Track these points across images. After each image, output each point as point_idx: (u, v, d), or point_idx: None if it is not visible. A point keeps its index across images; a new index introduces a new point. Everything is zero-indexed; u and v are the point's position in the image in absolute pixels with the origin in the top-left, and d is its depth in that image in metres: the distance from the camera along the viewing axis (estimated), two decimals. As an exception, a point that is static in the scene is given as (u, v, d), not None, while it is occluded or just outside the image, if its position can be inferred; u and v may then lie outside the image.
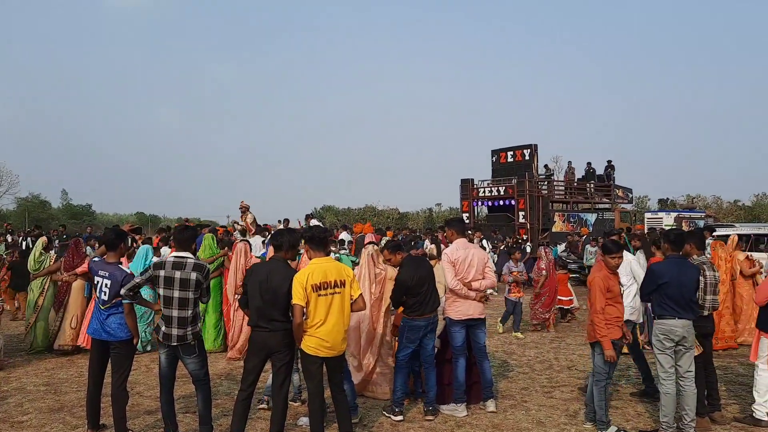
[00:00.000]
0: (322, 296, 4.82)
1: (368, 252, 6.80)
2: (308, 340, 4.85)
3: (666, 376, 5.48)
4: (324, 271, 4.89)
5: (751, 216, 50.20)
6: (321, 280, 4.84)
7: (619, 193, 29.56)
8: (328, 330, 4.84)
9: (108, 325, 5.39)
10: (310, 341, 4.84)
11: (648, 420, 5.98)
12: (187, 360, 5.22)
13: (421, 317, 5.95)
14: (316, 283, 4.81)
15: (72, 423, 5.86)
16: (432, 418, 5.95)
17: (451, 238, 6.53)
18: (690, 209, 30.23)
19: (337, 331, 4.89)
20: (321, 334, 4.82)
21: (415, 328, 5.99)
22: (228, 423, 5.20)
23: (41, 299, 9.04)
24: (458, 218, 7.41)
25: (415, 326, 5.98)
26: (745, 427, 5.76)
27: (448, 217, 11.61)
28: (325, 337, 4.83)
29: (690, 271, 5.56)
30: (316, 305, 4.81)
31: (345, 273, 5.02)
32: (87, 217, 63.93)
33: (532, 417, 6.07)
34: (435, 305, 6.07)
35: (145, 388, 7.06)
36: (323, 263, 4.97)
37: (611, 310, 5.50)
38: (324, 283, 4.85)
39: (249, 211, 15.23)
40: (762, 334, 5.89)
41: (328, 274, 4.90)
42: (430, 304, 5.99)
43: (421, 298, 5.95)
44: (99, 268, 5.51)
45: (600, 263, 5.68)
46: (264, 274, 4.98)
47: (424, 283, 5.98)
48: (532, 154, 28.09)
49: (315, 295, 4.80)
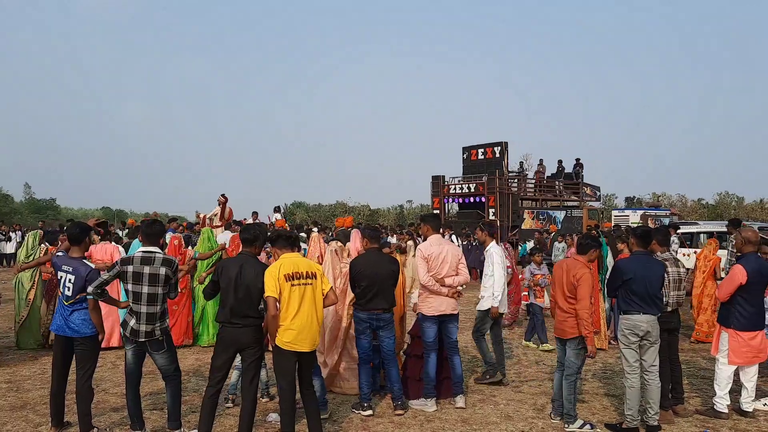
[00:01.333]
0: (295, 286, 4.82)
1: (332, 248, 6.82)
2: (283, 334, 4.81)
3: (631, 371, 5.58)
4: (294, 263, 4.91)
5: (714, 214, 51.32)
6: (293, 271, 4.85)
7: (587, 191, 29.97)
8: (302, 322, 4.82)
9: (72, 321, 5.29)
10: (285, 336, 4.81)
11: (613, 413, 6.09)
12: (156, 355, 5.16)
13: (363, 310, 5.97)
14: (288, 273, 4.81)
15: (35, 421, 5.74)
16: (402, 413, 5.97)
17: (426, 233, 6.55)
18: (656, 207, 30.81)
19: (311, 323, 4.87)
20: (296, 326, 4.80)
21: (357, 319, 6.02)
22: (196, 419, 5.15)
23: (32, 292, 8.83)
24: (433, 214, 7.50)
25: (358, 318, 6.01)
26: (707, 419, 5.90)
27: (422, 214, 11.62)
28: (299, 329, 4.81)
29: (655, 267, 5.66)
30: (290, 296, 4.80)
31: (315, 267, 5.05)
32: (51, 212, 62.44)
33: (500, 411, 6.14)
34: (380, 304, 5.97)
35: (111, 385, 6.94)
36: (293, 257, 4.99)
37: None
38: (295, 273, 4.85)
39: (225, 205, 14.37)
40: (722, 329, 6.04)
41: (299, 266, 4.91)
42: (373, 300, 5.94)
43: (365, 291, 5.94)
44: (62, 263, 5.38)
45: (577, 260, 5.73)
46: (236, 271, 4.94)
47: (366, 278, 5.93)
48: (503, 152, 28.33)
49: (288, 285, 4.79)
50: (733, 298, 5.88)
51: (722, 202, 56.64)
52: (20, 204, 62.83)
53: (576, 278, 5.54)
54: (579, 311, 5.47)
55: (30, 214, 53.18)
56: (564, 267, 5.78)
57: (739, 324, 5.86)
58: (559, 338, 5.81)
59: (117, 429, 5.51)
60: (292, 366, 4.92)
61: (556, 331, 5.81)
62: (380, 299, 5.98)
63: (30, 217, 43.08)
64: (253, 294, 4.87)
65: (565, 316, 5.67)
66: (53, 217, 54.55)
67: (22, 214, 54.32)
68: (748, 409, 5.98)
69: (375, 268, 5.98)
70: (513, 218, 26.80)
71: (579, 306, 5.48)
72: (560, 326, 5.74)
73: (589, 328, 5.43)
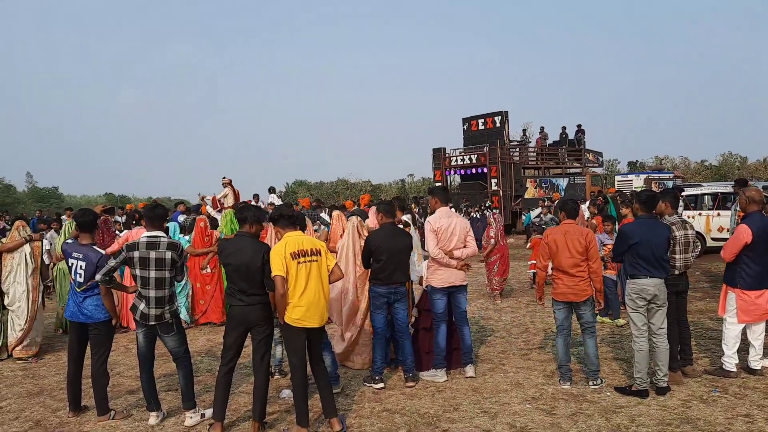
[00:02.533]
0: (301, 264, 4.86)
1: (353, 224, 6.81)
2: (292, 311, 4.86)
3: (639, 334, 5.63)
4: (298, 241, 4.95)
5: (718, 175, 51.19)
6: (298, 249, 4.88)
7: (589, 157, 29.83)
8: (310, 298, 4.87)
9: (85, 308, 5.35)
10: (294, 313, 4.86)
11: (622, 377, 6.16)
12: (166, 338, 5.23)
13: (382, 285, 6.01)
14: (294, 251, 4.85)
15: (53, 406, 5.83)
16: (413, 385, 6.04)
17: (434, 206, 6.55)
18: (659, 170, 30.71)
19: (318, 299, 4.93)
20: (304, 303, 4.85)
21: (376, 294, 6.05)
22: (210, 398, 5.23)
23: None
24: (442, 187, 7.47)
25: (376, 293, 6.04)
26: (715, 378, 5.96)
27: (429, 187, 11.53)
28: (307, 305, 4.86)
29: (660, 231, 5.67)
30: (297, 273, 4.84)
31: (318, 244, 5.10)
32: (54, 200, 62.57)
33: (510, 379, 6.20)
34: (399, 278, 6.06)
35: (126, 368, 7.03)
36: (296, 236, 5.02)
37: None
38: (300, 251, 4.89)
39: (231, 185, 14.31)
40: (729, 289, 6.06)
41: (303, 243, 4.95)
42: (391, 274, 5.99)
43: (382, 266, 5.97)
44: (73, 250, 5.43)
45: (573, 223, 5.92)
46: (233, 251, 4.99)
47: (386, 252, 5.96)
48: (503, 121, 28.13)
49: (294, 263, 4.83)
50: (738, 257, 5.89)
51: (726, 162, 56.44)
52: (23, 194, 62.94)
53: (587, 239, 5.76)
54: (597, 269, 5.80)
55: (33, 204, 53.19)
56: (562, 232, 5.87)
57: (745, 283, 5.88)
58: (567, 303, 5.86)
59: (134, 411, 5.60)
60: (302, 342, 4.97)
61: (564, 296, 5.84)
62: (399, 272, 6.04)
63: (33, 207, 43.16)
64: (253, 273, 4.91)
65: (576, 281, 5.75)
66: (56, 205, 54.55)
67: (26, 204, 54.41)
68: (757, 367, 6.03)
69: (392, 242, 6.02)
70: (516, 187, 26.74)
71: (596, 264, 5.80)
72: (571, 291, 5.80)
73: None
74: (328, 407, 5.04)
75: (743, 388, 5.69)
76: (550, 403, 5.49)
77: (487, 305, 10.25)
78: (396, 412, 5.39)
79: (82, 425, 5.32)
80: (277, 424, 5.20)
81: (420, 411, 5.40)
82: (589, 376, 5.96)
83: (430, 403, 5.59)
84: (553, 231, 6.01)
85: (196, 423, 5.21)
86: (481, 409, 5.40)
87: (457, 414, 5.31)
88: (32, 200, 57.87)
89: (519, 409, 5.37)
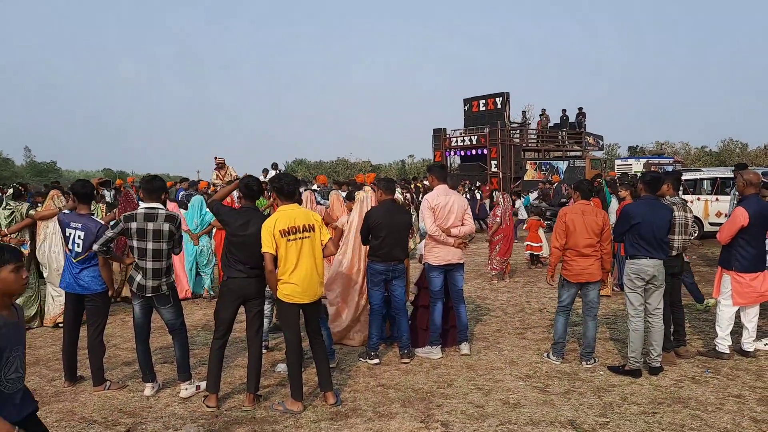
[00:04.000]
0: (291, 241, 4.79)
1: (360, 198, 6.76)
2: (283, 287, 4.85)
3: (635, 314, 5.65)
4: (291, 217, 4.85)
5: (718, 161, 51.03)
6: (288, 226, 4.80)
7: (590, 140, 29.77)
8: (302, 276, 4.83)
9: (81, 279, 5.36)
10: (285, 289, 4.85)
11: (616, 357, 6.19)
12: (162, 310, 5.24)
13: (380, 262, 6.00)
14: (284, 228, 4.78)
15: (49, 376, 5.86)
16: (408, 361, 6.08)
17: (432, 184, 6.53)
18: (659, 155, 30.68)
19: (311, 276, 4.88)
20: (295, 280, 4.82)
21: (374, 271, 6.05)
22: (206, 372, 5.25)
23: None
24: (440, 164, 7.42)
25: (374, 269, 6.04)
26: (708, 360, 5.99)
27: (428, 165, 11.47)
28: (299, 282, 4.83)
29: (662, 212, 5.67)
30: (287, 251, 4.79)
31: (313, 218, 4.99)
32: (52, 174, 62.34)
33: (504, 357, 6.24)
34: (398, 255, 6.06)
35: (122, 340, 7.06)
36: (290, 210, 4.90)
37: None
38: (292, 228, 4.81)
39: (226, 165, 14.24)
40: (724, 271, 6.08)
41: (296, 219, 4.85)
42: (388, 252, 5.98)
43: (380, 243, 5.96)
44: (70, 220, 5.43)
45: (589, 204, 5.98)
46: (242, 223, 4.97)
47: (385, 228, 5.94)
48: (504, 103, 28.05)
49: (284, 240, 4.77)
50: (734, 240, 5.89)
51: (726, 149, 56.28)
52: (21, 167, 62.79)
53: (603, 220, 5.84)
54: (609, 250, 5.89)
55: (31, 178, 53.01)
56: (579, 212, 5.83)
57: (741, 266, 5.89)
58: (576, 283, 5.87)
59: (129, 382, 5.63)
60: (295, 317, 4.98)
61: (578, 277, 5.83)
62: (398, 249, 6.04)
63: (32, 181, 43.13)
64: (254, 246, 4.89)
65: (591, 261, 5.79)
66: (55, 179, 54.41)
67: (24, 178, 54.24)
68: (749, 350, 6.07)
69: (391, 218, 6.00)
70: (515, 170, 26.71)
71: (609, 246, 5.87)
72: (585, 272, 5.80)
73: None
74: (324, 380, 5.07)
75: (735, 370, 5.72)
76: (543, 381, 5.52)
77: (483, 285, 10.27)
78: (390, 387, 5.42)
79: (78, 395, 5.35)
80: (272, 396, 5.23)
81: (414, 386, 5.43)
82: (583, 357, 5.99)
83: (424, 379, 5.62)
84: (571, 210, 5.94)
85: (191, 394, 5.24)
86: (475, 386, 5.43)
87: (451, 390, 5.34)
88: (30, 174, 57.67)
89: (512, 386, 5.40)
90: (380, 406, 5.01)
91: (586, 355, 5.95)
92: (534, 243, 11.99)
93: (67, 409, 5.05)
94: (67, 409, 5.04)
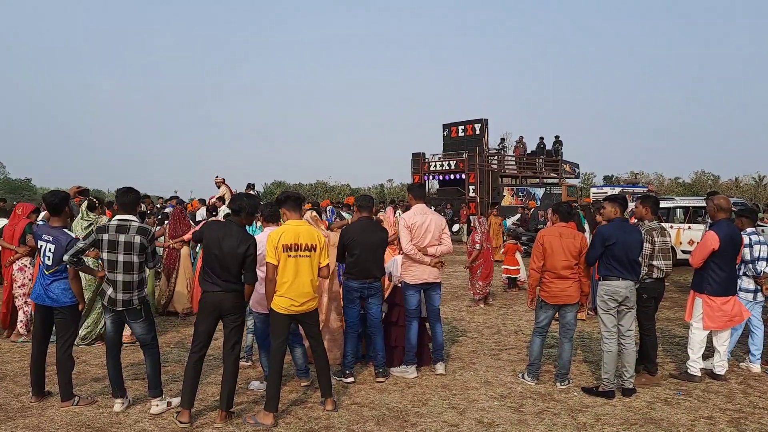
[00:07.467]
0: (291, 257, 4.96)
1: (306, 216, 6.74)
2: (278, 300, 4.98)
3: (609, 335, 5.70)
4: (296, 233, 5.02)
5: (691, 192, 52.06)
6: (292, 242, 4.98)
7: (566, 168, 30.14)
8: (297, 291, 4.99)
9: (51, 291, 5.27)
10: (280, 301, 4.99)
11: (590, 378, 6.23)
12: (134, 324, 5.16)
13: (356, 279, 6.00)
14: (287, 243, 4.96)
15: (15, 391, 5.71)
16: (383, 380, 6.04)
17: (410, 203, 6.56)
18: (633, 184, 31.19)
19: (305, 291, 5.04)
20: (291, 294, 4.97)
21: (349, 288, 6.05)
22: (178, 388, 5.17)
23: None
24: (418, 184, 7.46)
25: (349, 287, 6.04)
26: (680, 382, 6.05)
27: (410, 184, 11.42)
28: (294, 296, 4.99)
29: (634, 234, 5.76)
30: (285, 265, 4.96)
31: (317, 239, 5.12)
32: (26, 192, 61.52)
33: (480, 377, 6.23)
34: (372, 273, 6.04)
35: (92, 356, 6.91)
36: (297, 226, 5.09)
37: None
38: (294, 245, 4.98)
39: (224, 184, 14.66)
40: (696, 295, 6.17)
41: (300, 237, 5.01)
42: (363, 270, 5.98)
43: (355, 260, 5.97)
44: (43, 232, 5.35)
45: (568, 227, 6.00)
46: (220, 236, 4.96)
47: (359, 246, 5.95)
48: (483, 129, 28.32)
49: (285, 255, 4.94)
50: (706, 264, 6.00)
51: (698, 180, 57.53)
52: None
53: (581, 242, 5.85)
54: (589, 273, 5.89)
55: (5, 195, 52.19)
56: (557, 234, 5.87)
57: (712, 289, 5.98)
58: (554, 305, 5.89)
59: (99, 397, 5.50)
60: (285, 327, 5.07)
61: (556, 299, 5.85)
62: (374, 267, 6.04)
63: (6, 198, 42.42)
64: (232, 262, 4.88)
65: (569, 283, 5.81)
66: (29, 197, 53.62)
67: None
68: (721, 373, 6.14)
69: (367, 236, 6.01)
70: (493, 195, 26.90)
71: (588, 269, 5.87)
72: (563, 294, 5.82)
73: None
74: (325, 387, 5.21)
75: (707, 392, 5.79)
76: (518, 401, 5.53)
77: (460, 306, 10.28)
78: (365, 406, 5.38)
79: (45, 410, 5.22)
80: (244, 413, 5.16)
81: (389, 405, 5.39)
82: (557, 378, 6.01)
83: (399, 398, 5.59)
84: (548, 233, 5.97)
85: (162, 411, 5.14)
86: (449, 405, 5.41)
87: (426, 409, 5.31)
88: (4, 191, 56.78)
89: (487, 406, 5.39)
90: (354, 424, 4.97)
91: (561, 376, 5.98)
92: (511, 266, 12.03)
93: (33, 424, 4.92)
94: (34, 425, 4.91)
